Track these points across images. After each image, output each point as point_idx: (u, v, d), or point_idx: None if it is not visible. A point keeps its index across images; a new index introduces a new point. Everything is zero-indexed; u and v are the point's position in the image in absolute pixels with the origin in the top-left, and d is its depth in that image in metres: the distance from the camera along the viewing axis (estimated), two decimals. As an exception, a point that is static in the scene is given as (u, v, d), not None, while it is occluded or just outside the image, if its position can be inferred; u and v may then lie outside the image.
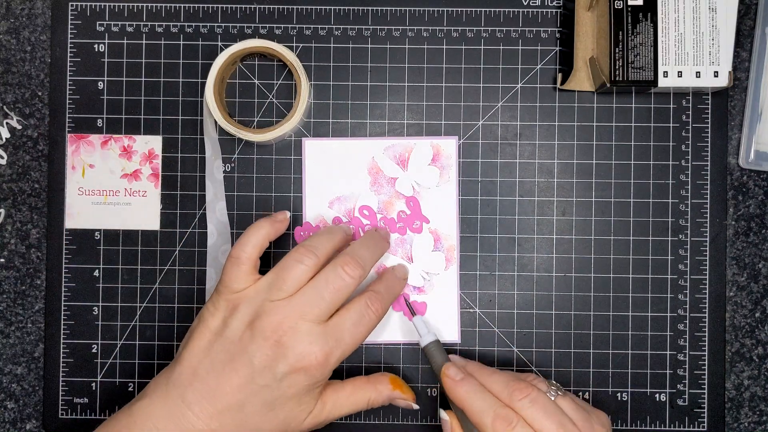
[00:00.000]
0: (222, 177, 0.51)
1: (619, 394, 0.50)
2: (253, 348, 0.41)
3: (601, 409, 0.50)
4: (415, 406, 0.47)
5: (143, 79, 0.51)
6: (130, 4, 0.51)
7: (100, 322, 0.51)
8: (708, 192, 0.51)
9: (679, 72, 0.47)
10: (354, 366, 0.50)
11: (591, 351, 0.50)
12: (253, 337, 0.41)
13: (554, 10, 0.51)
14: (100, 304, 0.51)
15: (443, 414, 0.45)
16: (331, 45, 0.51)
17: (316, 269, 0.43)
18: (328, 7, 0.51)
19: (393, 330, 0.50)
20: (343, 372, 0.50)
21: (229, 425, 0.41)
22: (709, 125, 0.51)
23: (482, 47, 0.51)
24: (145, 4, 0.51)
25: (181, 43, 0.51)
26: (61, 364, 0.50)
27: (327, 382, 0.44)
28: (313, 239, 0.44)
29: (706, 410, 0.50)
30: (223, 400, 0.40)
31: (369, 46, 0.51)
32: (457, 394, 0.43)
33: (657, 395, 0.50)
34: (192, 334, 0.43)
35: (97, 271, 0.51)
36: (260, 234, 0.45)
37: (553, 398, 0.42)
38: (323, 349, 0.41)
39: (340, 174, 0.51)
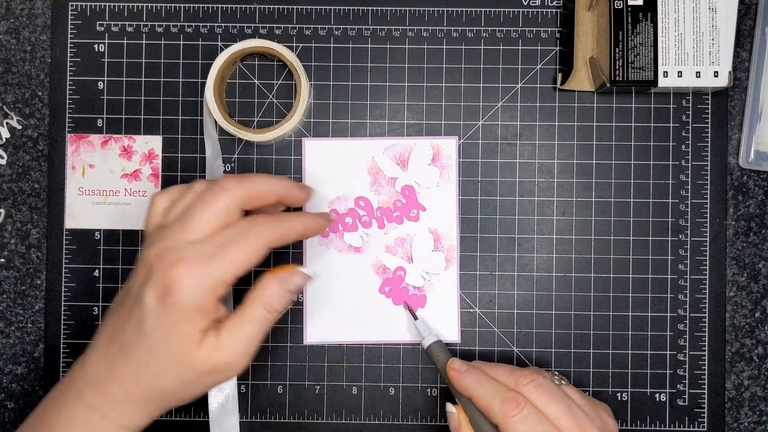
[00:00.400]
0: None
1: (619, 394, 0.50)
2: (134, 279, 0.39)
3: (601, 409, 0.50)
4: (308, 272, 0.42)
5: (143, 79, 0.51)
6: (130, 4, 0.51)
7: (100, 322, 0.51)
8: (708, 192, 0.51)
9: (679, 72, 0.47)
10: (354, 365, 0.50)
11: (591, 351, 0.50)
12: (137, 269, 0.39)
13: (554, 10, 0.51)
14: (100, 304, 0.51)
15: (450, 407, 0.45)
16: (331, 45, 0.51)
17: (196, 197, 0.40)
18: (328, 7, 0.51)
19: (393, 330, 0.50)
20: (343, 372, 0.50)
21: (121, 367, 0.38)
22: (709, 125, 0.51)
23: (482, 47, 0.51)
24: (145, 4, 0.51)
25: (181, 43, 0.51)
26: (61, 364, 0.50)
27: (226, 315, 0.40)
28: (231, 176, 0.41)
29: (706, 410, 0.50)
30: (115, 342, 0.39)
31: (369, 46, 0.51)
32: (463, 383, 0.43)
33: (657, 395, 0.50)
34: None
35: (97, 271, 0.51)
36: (179, 189, 0.42)
37: (559, 385, 0.43)
38: (186, 264, 0.37)
39: (340, 174, 0.51)
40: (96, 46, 0.51)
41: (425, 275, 0.50)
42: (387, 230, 0.51)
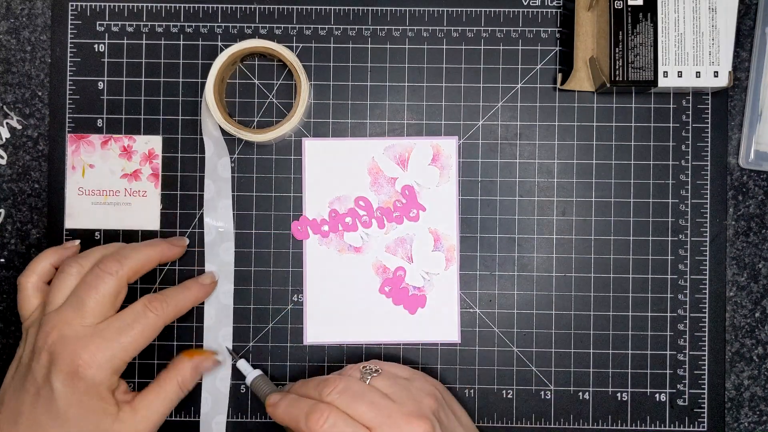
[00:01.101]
0: (229, 175, 0.50)
1: (619, 394, 0.50)
2: (34, 364, 0.42)
3: (601, 409, 0.50)
4: (220, 358, 0.48)
5: (143, 79, 0.51)
6: (130, 4, 0.51)
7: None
8: (708, 192, 0.51)
9: (679, 72, 0.47)
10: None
11: (591, 351, 0.50)
12: (33, 353, 0.42)
13: (554, 10, 0.51)
14: (100, 304, 0.51)
15: None
16: (331, 45, 0.51)
17: (83, 276, 0.44)
18: (328, 7, 0.51)
19: (393, 330, 0.50)
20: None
21: None
22: (709, 125, 0.51)
23: (482, 47, 0.51)
24: (145, 4, 0.51)
25: (181, 43, 0.51)
26: (61, 364, 0.50)
27: (135, 392, 0.44)
28: (85, 252, 0.45)
29: (706, 410, 0.50)
30: (22, 421, 0.41)
31: (369, 46, 0.51)
32: (278, 416, 0.43)
33: (657, 395, 0.50)
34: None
35: (97, 271, 0.51)
36: (44, 260, 0.46)
37: (368, 380, 0.43)
38: (88, 349, 0.41)
39: (340, 174, 0.51)
40: (96, 46, 0.51)
41: (425, 275, 0.50)
42: (387, 230, 0.51)
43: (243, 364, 0.49)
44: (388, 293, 0.50)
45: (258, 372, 0.48)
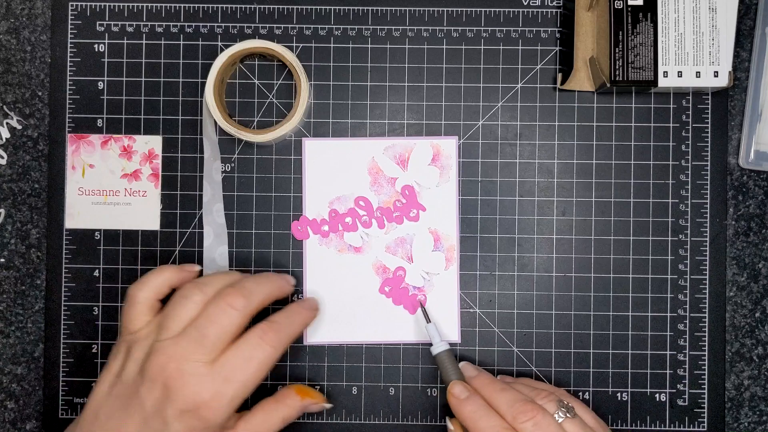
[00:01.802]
0: (220, 178, 0.51)
1: (619, 394, 0.50)
2: (143, 391, 0.40)
3: (601, 409, 0.50)
4: (328, 406, 0.48)
5: (143, 79, 0.51)
6: (130, 4, 0.51)
7: (100, 322, 0.51)
8: (708, 192, 0.51)
9: (679, 72, 0.47)
10: (354, 366, 0.50)
11: (591, 351, 0.50)
12: (143, 380, 0.40)
13: (554, 10, 0.51)
14: (100, 304, 0.51)
15: (449, 422, 0.45)
16: (331, 45, 0.51)
17: (203, 306, 0.42)
18: (328, 7, 0.51)
19: (393, 330, 0.50)
20: (343, 372, 0.50)
21: None
22: (709, 125, 0.51)
23: (482, 47, 0.51)
24: (145, 4, 0.51)
25: (181, 43, 0.51)
26: (61, 364, 0.50)
27: (238, 414, 0.43)
28: (205, 277, 0.44)
29: (706, 410, 0.50)
30: None
31: (369, 46, 0.51)
32: (461, 413, 0.43)
33: (657, 395, 0.50)
34: (99, 377, 0.43)
35: (97, 271, 0.51)
36: (162, 277, 0.45)
37: (561, 420, 0.42)
38: (210, 390, 0.40)
39: (340, 174, 0.51)
40: (96, 46, 0.51)
41: (425, 275, 0.50)
42: (387, 230, 0.51)
43: (432, 330, 0.48)
44: (388, 293, 0.50)
45: (446, 345, 0.47)
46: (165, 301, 0.45)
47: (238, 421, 0.43)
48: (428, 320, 0.48)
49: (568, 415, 0.42)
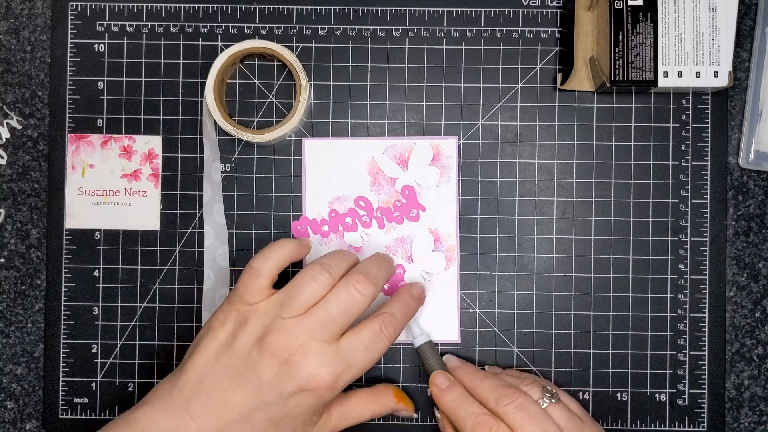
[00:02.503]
0: (220, 179, 0.51)
1: (619, 394, 0.50)
2: (261, 365, 0.40)
3: (601, 409, 0.50)
4: (415, 415, 0.48)
5: (143, 79, 0.51)
6: (130, 4, 0.51)
7: (100, 322, 0.51)
8: (708, 192, 0.51)
9: (679, 72, 0.47)
10: (354, 366, 0.50)
11: (591, 351, 0.50)
12: (262, 354, 0.40)
13: (554, 10, 0.51)
14: (100, 304, 0.51)
15: (437, 412, 0.46)
16: (331, 45, 0.51)
17: (329, 288, 0.42)
18: (328, 7, 0.51)
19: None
20: (343, 372, 0.50)
21: None
22: (709, 125, 0.51)
23: (482, 47, 0.51)
24: (145, 4, 0.51)
25: (181, 43, 0.51)
26: (61, 364, 0.50)
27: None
28: (328, 257, 0.43)
29: (706, 410, 0.50)
30: (228, 415, 0.40)
31: (369, 46, 0.51)
32: (442, 403, 0.44)
33: (657, 395, 0.50)
34: (199, 342, 0.42)
35: (97, 271, 0.51)
36: (284, 251, 0.44)
37: (545, 405, 0.42)
38: (333, 372, 0.40)
39: (340, 174, 0.51)
40: (96, 46, 0.51)
41: (425, 275, 0.50)
42: (387, 230, 0.51)
43: (413, 324, 0.48)
44: (387, 291, 0.50)
45: (427, 337, 0.48)
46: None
47: (333, 403, 0.43)
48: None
49: (552, 400, 0.43)
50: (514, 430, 0.41)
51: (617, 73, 0.47)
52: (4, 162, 0.51)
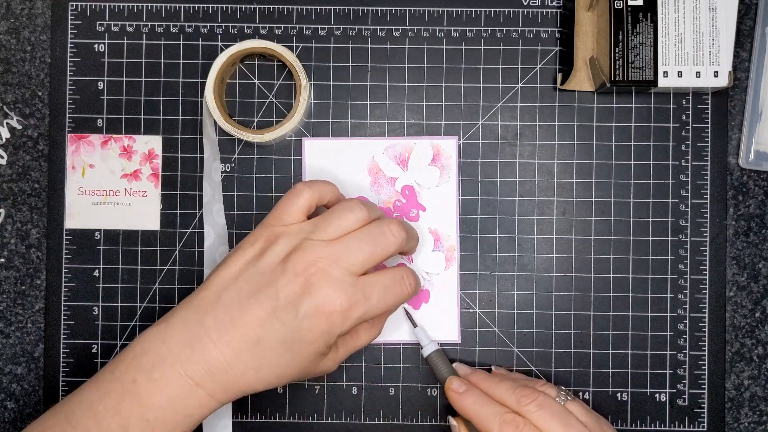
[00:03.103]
0: (220, 179, 0.51)
1: (619, 394, 0.50)
2: (282, 282, 0.39)
3: (601, 409, 0.50)
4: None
5: (143, 79, 0.51)
6: (130, 4, 0.51)
7: (100, 322, 0.51)
8: (708, 192, 0.51)
9: (679, 72, 0.47)
10: (354, 366, 0.50)
11: (591, 351, 0.50)
12: (284, 271, 0.40)
13: (554, 10, 0.51)
14: (100, 304, 0.51)
15: (452, 420, 0.46)
16: (331, 45, 0.51)
17: (364, 224, 0.42)
18: (328, 7, 0.51)
19: (393, 330, 0.50)
20: (343, 372, 0.50)
21: (244, 357, 0.39)
22: (709, 125, 0.51)
23: (482, 47, 0.51)
24: (145, 4, 0.51)
25: (181, 43, 0.51)
26: (61, 364, 0.50)
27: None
28: (370, 203, 0.44)
29: (706, 410, 0.50)
30: (242, 330, 0.39)
31: (369, 46, 0.51)
32: (462, 406, 0.43)
33: (657, 395, 0.50)
34: (226, 260, 0.42)
35: (97, 271, 0.51)
36: (329, 187, 0.44)
37: (562, 403, 0.43)
38: (349, 299, 0.40)
39: (340, 174, 0.51)
40: (96, 46, 0.51)
41: (425, 275, 0.50)
42: (387, 230, 0.50)
43: (420, 333, 0.48)
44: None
45: (435, 345, 0.48)
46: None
47: (340, 340, 0.43)
48: (414, 325, 0.49)
49: (568, 398, 0.43)
50: (539, 427, 0.41)
51: (617, 73, 0.47)
52: (4, 162, 0.51)
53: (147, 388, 0.39)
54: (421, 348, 0.48)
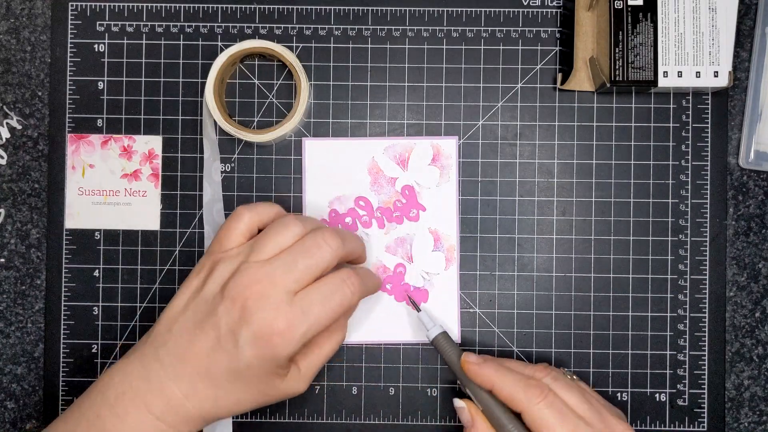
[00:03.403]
0: (220, 179, 0.51)
1: (619, 394, 0.50)
2: (221, 309, 0.40)
3: (601, 409, 0.50)
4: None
5: (143, 79, 0.51)
6: (130, 4, 0.51)
7: (100, 322, 0.51)
8: (708, 192, 0.51)
9: (679, 72, 0.47)
10: (354, 366, 0.50)
11: (591, 351, 0.50)
12: (223, 298, 0.40)
13: (554, 10, 0.51)
14: (100, 304, 0.51)
15: (458, 402, 0.45)
16: (331, 45, 0.51)
17: (299, 239, 0.42)
18: (328, 7, 0.51)
19: (393, 329, 0.50)
20: (343, 372, 0.50)
21: (199, 388, 0.40)
22: (709, 125, 0.51)
23: (482, 47, 0.51)
24: (145, 4, 0.51)
25: (181, 43, 0.51)
26: (61, 364, 0.50)
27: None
28: (306, 216, 0.44)
29: (706, 410, 0.50)
30: (192, 362, 0.40)
31: (369, 46, 0.51)
32: (484, 374, 0.43)
33: (657, 395, 0.50)
34: (177, 292, 0.43)
35: (97, 271, 0.51)
36: (271, 210, 0.44)
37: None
38: (287, 320, 0.39)
39: (340, 174, 0.51)
40: (96, 46, 0.51)
41: (425, 275, 0.50)
42: (387, 230, 0.51)
43: (425, 317, 0.48)
44: (390, 291, 0.50)
45: (440, 328, 0.47)
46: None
47: (298, 355, 0.43)
48: (418, 309, 0.49)
49: (574, 377, 0.46)
50: (559, 395, 0.42)
51: (617, 73, 0.47)
52: (4, 162, 0.51)
53: (111, 422, 0.39)
54: (427, 331, 0.47)
